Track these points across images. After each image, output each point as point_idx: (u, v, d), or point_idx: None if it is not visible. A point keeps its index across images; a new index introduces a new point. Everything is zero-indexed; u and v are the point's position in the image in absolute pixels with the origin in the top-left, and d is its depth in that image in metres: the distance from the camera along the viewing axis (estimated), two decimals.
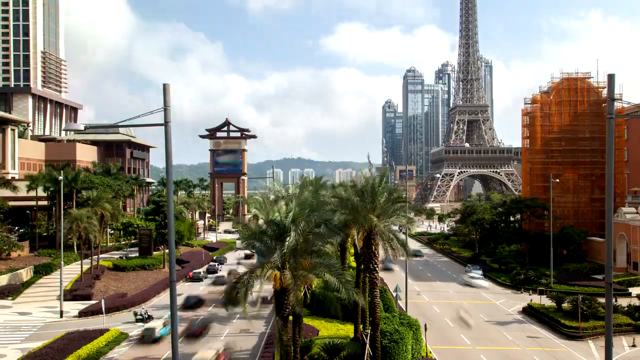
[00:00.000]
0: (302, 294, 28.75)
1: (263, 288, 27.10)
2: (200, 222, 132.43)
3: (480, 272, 75.45)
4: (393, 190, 34.94)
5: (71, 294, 58.13)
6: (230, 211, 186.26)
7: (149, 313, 50.92)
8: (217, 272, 77.95)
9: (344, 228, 33.28)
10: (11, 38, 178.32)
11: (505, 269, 74.96)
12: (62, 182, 61.28)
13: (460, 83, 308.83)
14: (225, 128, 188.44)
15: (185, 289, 64.66)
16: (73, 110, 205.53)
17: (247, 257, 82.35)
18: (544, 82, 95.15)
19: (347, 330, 42.08)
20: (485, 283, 68.30)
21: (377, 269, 31.96)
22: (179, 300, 52.88)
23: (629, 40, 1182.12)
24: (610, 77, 20.85)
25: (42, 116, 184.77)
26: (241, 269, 38.91)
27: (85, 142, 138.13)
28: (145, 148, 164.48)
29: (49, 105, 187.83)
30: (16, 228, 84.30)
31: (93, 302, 55.58)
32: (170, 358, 23.86)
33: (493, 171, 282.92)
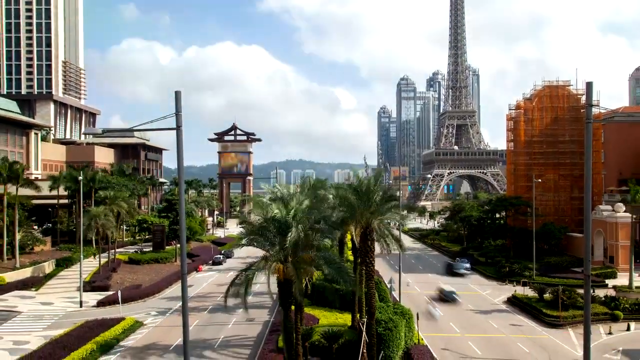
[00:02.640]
0: (304, 285, 28.67)
1: (270, 280, 27.02)
2: (210, 219, 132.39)
3: (468, 264, 75.49)
4: (387, 189, 34.96)
5: (90, 286, 58.12)
6: (237, 209, 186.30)
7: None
8: (221, 264, 78.33)
9: (342, 224, 33.28)
10: (34, 49, 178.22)
11: (491, 262, 74.91)
12: (81, 182, 61.19)
13: (450, 90, 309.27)
14: (232, 132, 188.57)
15: (195, 281, 64.78)
16: (92, 115, 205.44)
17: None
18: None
19: (345, 319, 42.05)
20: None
21: (373, 262, 31.96)
22: None
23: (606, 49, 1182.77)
24: (589, 85, 20.88)
25: (63, 121, 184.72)
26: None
27: (103, 145, 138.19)
28: (158, 150, 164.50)
29: (69, 111, 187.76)
30: (37, 225, 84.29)
31: (110, 292, 55.53)
32: (182, 344, 23.86)
33: (480, 172, 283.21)
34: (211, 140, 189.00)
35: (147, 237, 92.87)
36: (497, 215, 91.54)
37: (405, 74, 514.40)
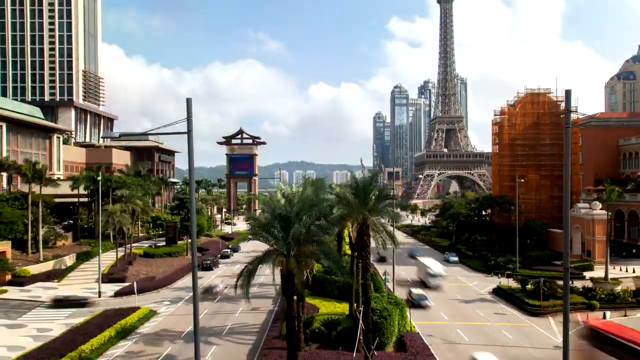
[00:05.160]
0: (305, 277, 28.69)
1: (274, 273, 26.98)
2: (218, 216, 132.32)
3: (456, 258, 75.54)
4: (382, 189, 34.96)
5: (108, 277, 58.12)
6: (244, 207, 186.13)
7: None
8: (229, 258, 78.17)
9: (341, 221, 33.25)
10: (57, 59, 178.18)
11: (477, 255, 74.92)
12: (100, 182, 61.18)
13: (440, 97, 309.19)
14: (239, 136, 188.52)
15: (205, 273, 64.72)
16: (109, 120, 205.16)
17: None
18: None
19: (343, 308, 42.02)
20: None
21: (369, 256, 31.94)
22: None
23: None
24: (567, 92, 20.87)
25: (83, 126, 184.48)
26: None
27: (119, 147, 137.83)
28: (171, 153, 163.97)
29: (88, 116, 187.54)
30: (59, 222, 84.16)
31: (126, 284, 55.53)
32: (192, 332, 23.82)
33: (467, 172, 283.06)
34: (220, 143, 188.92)
35: (160, 232, 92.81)
36: (483, 213, 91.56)
37: (398, 82, 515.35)
